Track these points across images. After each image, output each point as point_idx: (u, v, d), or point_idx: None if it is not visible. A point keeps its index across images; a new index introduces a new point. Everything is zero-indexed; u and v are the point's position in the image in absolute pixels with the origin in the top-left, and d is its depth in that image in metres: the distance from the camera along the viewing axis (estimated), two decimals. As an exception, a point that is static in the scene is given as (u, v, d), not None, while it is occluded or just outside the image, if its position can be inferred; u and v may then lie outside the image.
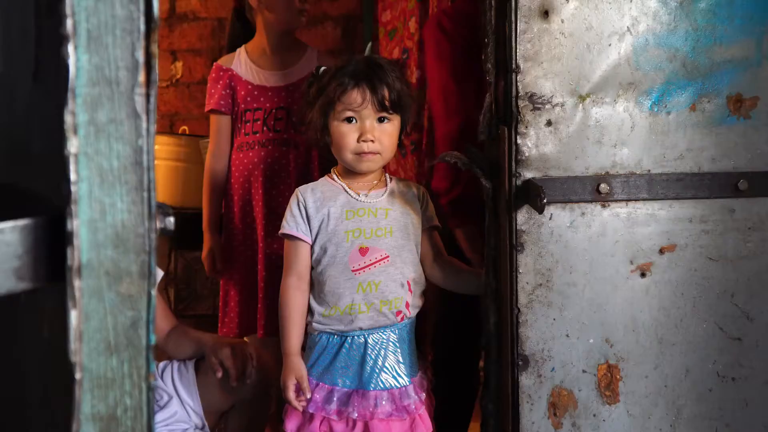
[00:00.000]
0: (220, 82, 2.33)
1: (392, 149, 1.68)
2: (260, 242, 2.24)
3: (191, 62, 3.58)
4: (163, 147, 2.99)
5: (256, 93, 2.29)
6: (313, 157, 2.25)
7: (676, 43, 1.47)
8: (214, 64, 2.40)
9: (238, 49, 2.38)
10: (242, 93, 2.29)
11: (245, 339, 2.22)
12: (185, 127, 3.27)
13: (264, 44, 2.34)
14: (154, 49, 0.62)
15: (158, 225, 0.71)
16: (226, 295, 2.34)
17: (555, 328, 1.48)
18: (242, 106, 2.30)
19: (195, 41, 3.58)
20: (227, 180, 2.32)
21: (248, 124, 2.29)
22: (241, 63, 2.34)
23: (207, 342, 1.78)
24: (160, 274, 1.85)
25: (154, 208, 0.61)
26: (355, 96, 1.63)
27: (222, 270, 2.32)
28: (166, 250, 2.84)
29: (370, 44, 3.25)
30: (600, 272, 1.49)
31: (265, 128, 2.27)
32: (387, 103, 1.63)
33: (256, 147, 2.27)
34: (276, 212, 2.20)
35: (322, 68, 1.74)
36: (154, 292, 0.61)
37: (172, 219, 0.75)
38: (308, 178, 2.19)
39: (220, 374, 1.71)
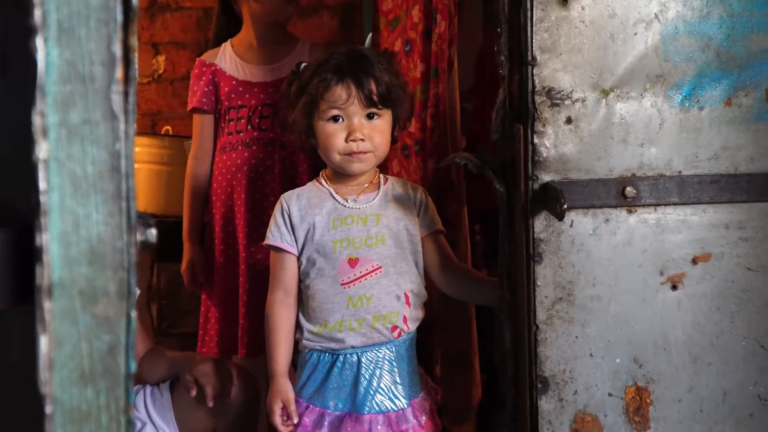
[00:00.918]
0: (203, 78, 2.33)
1: (385, 147, 1.68)
2: (242, 252, 2.23)
3: (174, 56, 3.57)
4: (144, 149, 2.98)
5: (240, 89, 2.29)
6: (302, 158, 2.24)
7: (709, 31, 1.46)
8: (197, 59, 2.40)
9: (223, 44, 2.38)
10: (226, 89, 2.29)
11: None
12: (168, 127, 3.26)
13: (251, 37, 2.34)
14: (133, 41, 0.61)
15: (138, 238, 0.69)
16: (207, 310, 2.33)
17: (577, 346, 1.47)
18: (226, 103, 2.29)
19: (178, 33, 3.58)
20: (210, 185, 2.32)
21: (232, 122, 2.28)
22: (226, 58, 2.34)
23: (182, 359, 1.78)
24: (136, 292, 1.83)
25: (133, 220, 0.60)
26: (340, 92, 1.63)
27: (204, 283, 2.31)
28: (148, 262, 2.83)
29: (370, 36, 3.24)
30: (626, 285, 1.47)
31: (249, 127, 2.26)
32: (375, 97, 1.63)
33: (240, 147, 2.27)
34: (260, 219, 2.19)
35: (303, 64, 1.74)
36: (133, 313, 0.60)
37: (153, 231, 0.74)
38: (296, 181, 2.19)
39: (194, 392, 1.71)
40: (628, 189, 1.45)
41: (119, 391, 0.60)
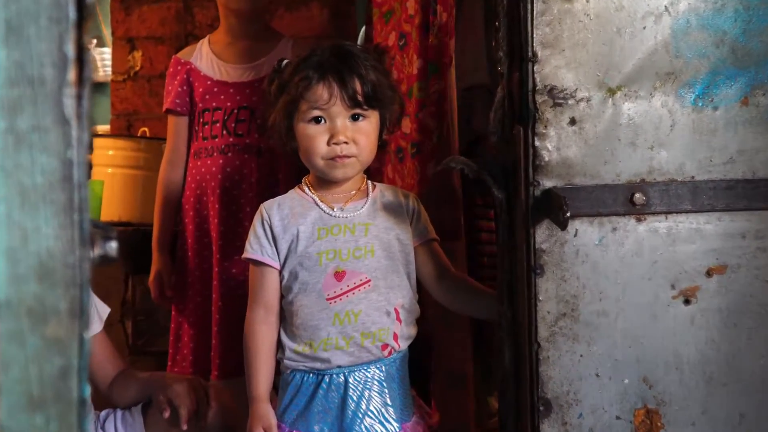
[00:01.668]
0: (177, 77, 2.35)
1: (370, 151, 1.68)
2: (216, 266, 2.23)
3: (152, 51, 3.58)
4: (120, 152, 2.99)
5: (215, 90, 2.30)
6: (281, 166, 2.24)
7: (723, 25, 1.47)
8: (173, 57, 2.41)
9: (201, 40, 2.39)
10: (200, 90, 2.30)
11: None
12: (145, 129, 3.27)
13: (227, 33, 2.34)
14: (87, 41, 0.61)
15: (97, 252, 0.69)
16: (178, 327, 2.34)
17: (582, 366, 1.47)
18: (200, 105, 2.30)
19: (156, 27, 3.58)
20: (183, 192, 2.33)
21: (206, 126, 2.29)
22: (202, 56, 2.35)
23: (155, 380, 1.79)
24: (106, 310, 1.85)
25: (86, 233, 0.60)
26: (321, 91, 1.63)
27: (172, 297, 2.31)
28: (122, 274, 2.83)
29: (363, 29, 3.25)
30: (636, 299, 1.47)
31: (224, 132, 2.27)
32: (360, 97, 1.64)
33: (215, 154, 2.27)
34: (235, 231, 2.20)
35: (285, 61, 1.75)
36: (87, 334, 0.60)
37: (114, 244, 0.74)
38: (274, 190, 2.19)
39: (167, 414, 1.72)
40: (637, 195, 1.45)
41: (71, 417, 0.60)
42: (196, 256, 2.30)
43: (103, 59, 4.75)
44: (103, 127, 4.45)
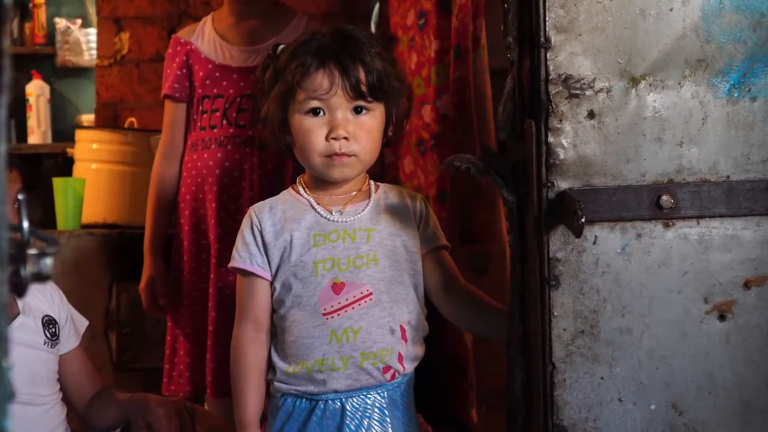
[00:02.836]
0: (176, 59, 2.36)
1: (372, 150, 1.67)
2: (212, 271, 2.25)
3: (141, 33, 3.60)
4: (105, 146, 3.01)
5: (217, 75, 2.30)
6: (288, 162, 2.25)
7: (761, 6, 1.46)
8: (173, 36, 2.42)
9: (204, 18, 2.40)
10: (201, 74, 2.31)
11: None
12: (133, 119, 3.29)
13: (231, 13, 2.36)
14: (6, 44, 0.62)
15: (30, 270, 0.71)
16: (174, 340, 2.35)
17: (603, 389, 1.47)
18: (199, 91, 2.31)
19: (145, 6, 3.60)
20: (178, 189, 2.34)
21: (205, 115, 2.30)
22: (204, 35, 2.36)
23: (135, 401, 1.82)
24: (83, 323, 1.89)
25: (5, 254, 0.62)
26: (321, 80, 1.63)
27: (166, 306, 2.33)
28: (107, 282, 2.86)
29: (377, 6, 3.26)
30: (663, 314, 1.47)
31: (224, 121, 2.28)
32: (363, 87, 1.63)
33: (213, 146, 2.28)
34: (233, 234, 2.21)
35: (281, 46, 1.75)
36: (5, 363, 0.62)
37: (48, 261, 0.76)
38: (278, 189, 2.20)
39: None
40: (665, 198, 1.45)
41: (-10, 454, 0.62)
42: (192, 260, 2.31)
43: (88, 41, 4.78)
44: (88, 117, 4.47)
